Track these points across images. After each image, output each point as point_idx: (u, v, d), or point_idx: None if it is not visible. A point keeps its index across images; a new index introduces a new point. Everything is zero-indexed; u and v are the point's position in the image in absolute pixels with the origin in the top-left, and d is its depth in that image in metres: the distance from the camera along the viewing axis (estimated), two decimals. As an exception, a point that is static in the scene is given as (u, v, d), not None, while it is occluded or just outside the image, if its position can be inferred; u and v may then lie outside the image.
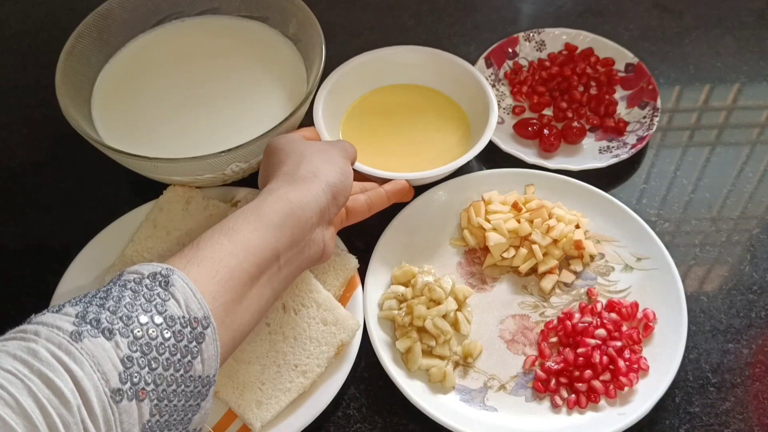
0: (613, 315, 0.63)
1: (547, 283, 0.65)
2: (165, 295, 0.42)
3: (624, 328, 0.62)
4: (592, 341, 0.61)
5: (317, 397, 0.58)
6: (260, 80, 0.73)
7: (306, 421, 0.57)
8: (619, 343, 0.61)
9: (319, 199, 0.53)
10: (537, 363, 0.62)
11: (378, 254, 0.66)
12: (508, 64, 0.82)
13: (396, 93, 0.77)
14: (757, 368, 0.62)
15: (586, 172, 0.72)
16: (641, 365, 0.60)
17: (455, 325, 0.62)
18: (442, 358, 0.61)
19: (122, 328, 0.39)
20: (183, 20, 0.77)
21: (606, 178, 0.73)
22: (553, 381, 0.60)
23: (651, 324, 0.62)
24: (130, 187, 0.73)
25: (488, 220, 0.67)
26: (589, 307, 0.64)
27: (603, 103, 0.78)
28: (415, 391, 0.59)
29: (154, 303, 0.41)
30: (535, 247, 0.65)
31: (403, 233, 0.67)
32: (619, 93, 0.80)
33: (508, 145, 0.73)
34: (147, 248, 0.64)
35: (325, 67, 0.68)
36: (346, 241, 0.65)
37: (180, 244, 0.64)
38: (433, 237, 0.69)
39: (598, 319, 0.63)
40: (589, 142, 0.76)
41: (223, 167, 0.63)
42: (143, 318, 0.40)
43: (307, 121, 0.69)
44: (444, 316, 0.62)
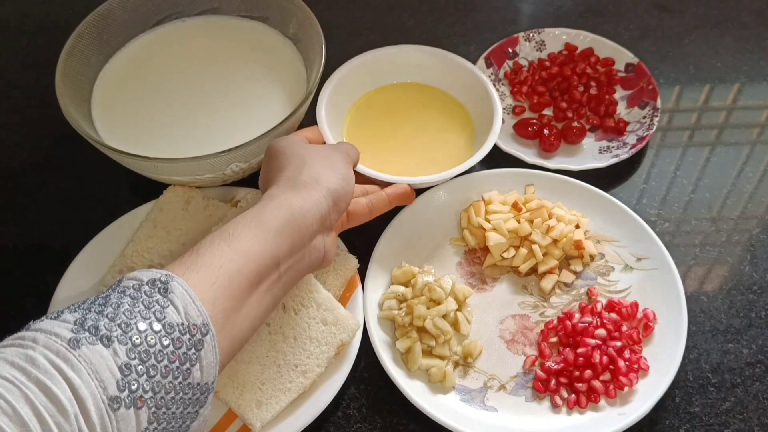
0: (613, 315, 0.63)
1: (547, 283, 0.65)
2: (164, 301, 0.42)
3: (624, 328, 0.62)
4: (592, 341, 0.61)
5: (317, 397, 0.58)
6: (260, 80, 0.73)
7: (306, 421, 0.57)
8: (619, 343, 0.61)
9: (320, 205, 0.53)
10: (537, 363, 0.62)
11: (378, 254, 0.66)
12: (508, 64, 0.82)
13: (401, 91, 0.77)
14: (757, 368, 0.62)
15: (586, 172, 0.72)
16: (641, 365, 0.60)
17: (455, 325, 0.62)
18: (442, 358, 0.61)
19: (121, 335, 0.39)
20: (183, 20, 0.77)
21: (606, 178, 0.73)
22: (553, 381, 0.60)
23: (651, 324, 0.62)
24: (130, 187, 0.73)
25: (488, 220, 0.67)
26: (589, 307, 0.64)
27: (603, 103, 0.78)
28: (415, 391, 0.59)
29: (152, 310, 0.41)
30: (535, 247, 0.65)
31: (403, 233, 0.67)
32: (619, 93, 0.80)
33: (508, 145, 0.73)
34: (147, 248, 0.64)
35: (325, 67, 0.68)
36: (346, 241, 0.65)
37: (180, 244, 0.65)
38: (433, 237, 0.69)
39: (598, 319, 0.63)
40: (589, 142, 0.76)
41: (223, 167, 0.63)
42: (142, 325, 0.40)
43: (308, 121, 0.69)
44: (444, 316, 0.62)
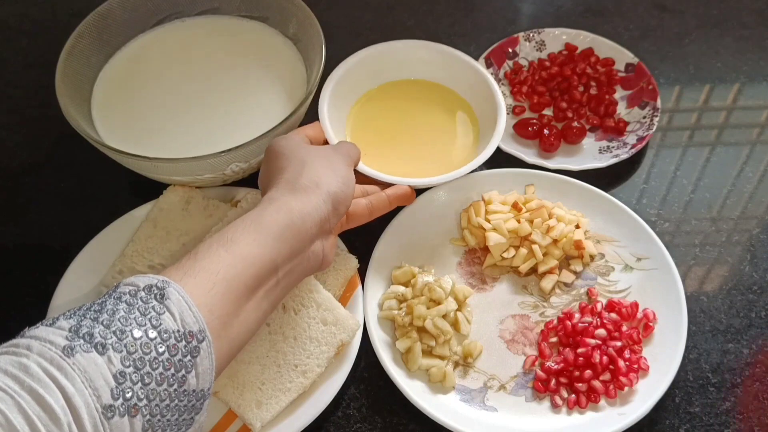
0: (613, 315, 0.63)
1: (547, 283, 0.65)
2: (160, 308, 0.42)
3: (624, 328, 0.62)
4: (592, 341, 0.61)
5: (317, 397, 0.58)
6: (260, 80, 0.73)
7: (306, 421, 0.57)
8: (619, 343, 0.61)
9: (320, 209, 0.53)
10: (537, 363, 0.62)
11: (378, 254, 0.66)
12: (508, 64, 0.82)
13: (405, 89, 0.76)
14: (757, 368, 0.62)
15: (586, 172, 0.72)
16: (641, 365, 0.60)
17: (455, 325, 0.62)
18: (442, 358, 0.61)
19: (115, 342, 0.39)
20: (183, 20, 0.77)
21: (606, 178, 0.73)
22: (553, 381, 0.60)
23: (651, 324, 0.62)
24: (130, 187, 0.73)
25: (488, 220, 0.67)
26: (589, 307, 0.64)
27: (603, 103, 0.78)
28: (415, 391, 0.59)
29: (148, 316, 0.41)
30: (535, 247, 0.65)
31: (403, 233, 0.67)
32: (619, 93, 0.80)
33: (508, 145, 0.73)
34: (147, 248, 0.64)
35: (325, 67, 0.68)
36: (346, 241, 0.65)
37: (180, 244, 0.65)
38: (433, 237, 0.69)
39: (598, 319, 0.63)
40: (589, 142, 0.76)
41: (223, 167, 0.63)
42: (137, 332, 0.40)
43: (308, 121, 0.68)
44: (444, 316, 0.62)
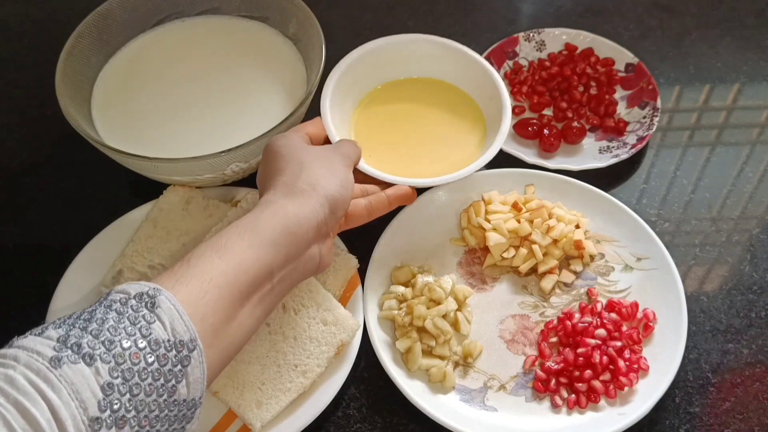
0: (613, 315, 0.63)
1: (547, 283, 0.65)
2: (150, 317, 0.41)
3: (624, 328, 0.62)
4: (592, 341, 0.61)
5: (317, 397, 0.58)
6: (260, 80, 0.73)
7: (306, 421, 0.57)
8: (619, 343, 0.61)
9: (317, 213, 0.52)
10: (537, 363, 0.62)
11: (378, 254, 0.66)
12: (508, 64, 0.82)
13: (411, 86, 0.75)
14: (757, 368, 0.62)
15: (586, 172, 0.72)
16: (641, 365, 0.60)
17: (455, 325, 0.62)
18: (442, 358, 0.61)
19: (104, 353, 0.38)
20: (183, 20, 0.77)
21: (606, 178, 0.73)
22: (553, 381, 0.60)
23: (651, 324, 0.62)
24: (130, 187, 0.73)
25: (488, 220, 0.67)
26: (589, 307, 0.64)
27: (603, 103, 0.78)
28: (415, 391, 0.59)
29: (138, 326, 0.40)
30: (535, 247, 0.65)
31: (403, 233, 0.67)
32: (619, 93, 0.80)
33: (508, 145, 0.73)
34: (147, 248, 0.64)
35: (325, 67, 0.68)
36: (346, 241, 0.65)
37: (180, 244, 0.65)
38: (433, 237, 0.69)
39: (598, 319, 0.63)
40: (589, 142, 0.76)
41: (223, 167, 0.63)
42: (126, 342, 0.39)
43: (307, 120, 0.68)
44: (444, 316, 0.62)
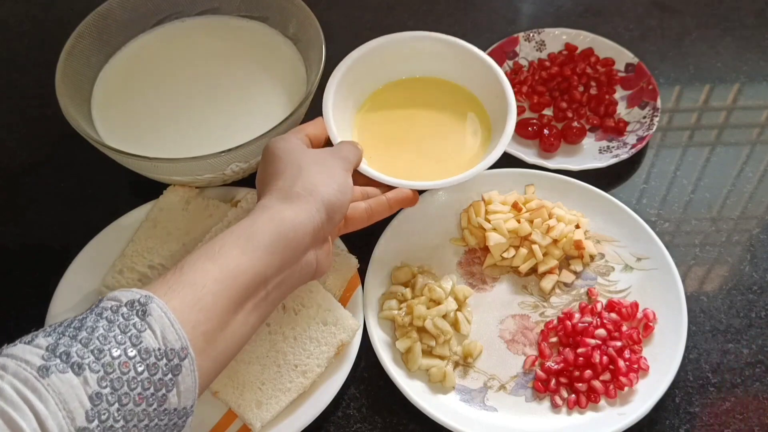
0: (613, 315, 0.63)
1: (547, 283, 0.65)
2: (141, 325, 0.41)
3: (624, 328, 0.62)
4: (592, 341, 0.61)
5: (317, 397, 0.58)
6: (260, 80, 0.73)
7: (306, 421, 0.57)
8: (619, 343, 0.61)
9: (313, 219, 0.52)
10: (537, 363, 0.62)
11: (378, 254, 0.66)
12: (508, 64, 0.82)
13: (415, 86, 0.73)
14: (757, 368, 0.62)
15: (586, 172, 0.72)
16: (641, 365, 0.60)
17: (455, 325, 0.62)
18: (442, 358, 0.61)
19: (93, 362, 0.38)
20: (183, 20, 0.77)
21: (606, 178, 0.73)
22: (553, 381, 0.60)
23: (651, 324, 0.62)
24: (130, 187, 0.73)
25: (488, 220, 0.67)
26: (589, 307, 0.64)
27: (603, 103, 0.78)
28: (415, 391, 0.59)
29: (128, 334, 0.40)
30: (535, 247, 0.65)
31: (403, 233, 0.67)
32: (619, 93, 0.80)
33: (508, 145, 0.73)
34: (147, 248, 0.64)
35: (325, 67, 0.68)
36: (346, 241, 0.65)
37: (180, 244, 0.64)
38: (433, 237, 0.69)
39: (598, 319, 0.63)
40: (589, 142, 0.76)
41: (223, 167, 0.63)
42: (116, 351, 0.39)
43: (308, 121, 0.68)
44: (444, 316, 0.62)
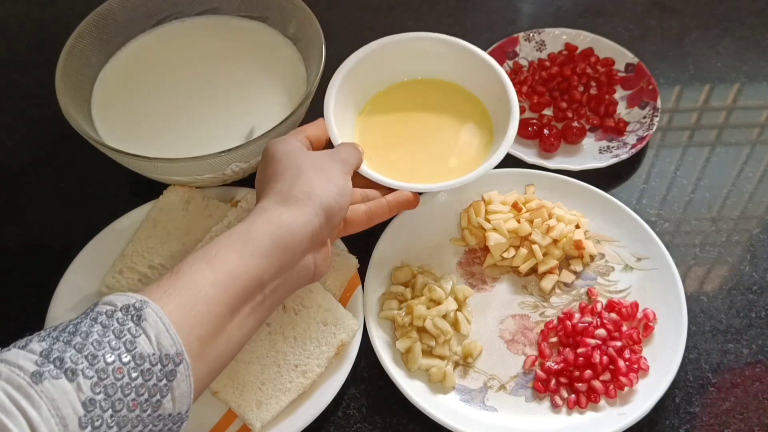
0: (613, 315, 0.63)
1: (547, 283, 0.65)
2: (136, 330, 0.40)
3: (624, 328, 0.62)
4: (592, 341, 0.61)
5: (317, 397, 0.58)
6: (260, 80, 0.73)
7: (306, 421, 0.57)
8: (619, 343, 0.61)
9: (312, 222, 0.51)
10: (537, 363, 0.62)
11: (378, 254, 0.66)
12: (508, 64, 0.82)
13: (417, 88, 0.73)
14: (757, 368, 0.62)
15: (586, 172, 0.72)
16: (641, 365, 0.60)
17: (455, 325, 0.62)
18: (442, 358, 0.61)
19: (86, 368, 0.38)
20: (183, 20, 0.77)
21: (606, 178, 0.73)
22: (553, 381, 0.60)
23: (651, 324, 0.62)
24: (130, 187, 0.73)
25: (488, 220, 0.67)
26: (589, 307, 0.64)
27: (603, 103, 0.78)
28: (415, 391, 0.59)
29: (123, 340, 0.40)
30: (535, 247, 0.65)
31: (403, 233, 0.67)
32: (619, 93, 0.80)
33: (508, 145, 0.73)
34: (147, 248, 0.64)
35: (325, 67, 0.68)
36: (346, 241, 0.65)
37: (180, 244, 0.64)
38: (433, 237, 0.69)
39: (598, 319, 0.63)
40: (589, 142, 0.76)
41: (223, 167, 0.63)
42: (110, 357, 0.39)
43: (308, 121, 0.68)
44: (444, 316, 0.62)
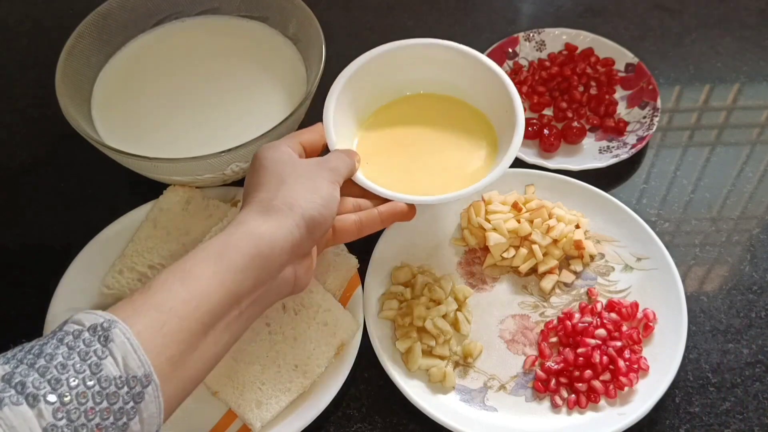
0: (613, 315, 0.63)
1: (547, 283, 0.65)
2: (102, 352, 0.39)
3: (624, 328, 0.62)
4: (592, 341, 0.61)
5: (317, 397, 0.58)
6: (260, 80, 0.73)
7: (306, 421, 0.57)
8: (619, 343, 0.61)
9: (292, 234, 0.49)
10: (537, 363, 0.62)
11: (378, 254, 0.66)
12: (508, 64, 0.82)
13: (420, 102, 0.69)
14: (757, 368, 0.62)
15: (586, 172, 0.72)
16: (641, 365, 0.60)
17: (455, 325, 0.62)
18: (442, 358, 0.61)
19: (49, 393, 0.37)
20: (183, 20, 0.77)
21: (606, 178, 0.73)
22: (553, 381, 0.60)
23: (651, 324, 0.62)
24: (130, 187, 0.73)
25: (488, 220, 0.67)
26: (589, 307, 0.64)
27: (603, 103, 0.78)
28: (415, 391, 0.59)
29: (89, 362, 0.39)
30: (535, 247, 0.65)
31: (403, 233, 0.67)
32: (619, 93, 0.80)
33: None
34: (147, 248, 0.64)
35: (325, 67, 0.68)
36: (346, 241, 0.65)
37: (180, 244, 0.64)
38: (433, 237, 0.69)
39: (598, 319, 0.63)
40: (589, 142, 0.76)
41: (223, 167, 0.63)
42: (73, 381, 0.38)
43: (308, 121, 0.68)
44: (444, 316, 0.62)
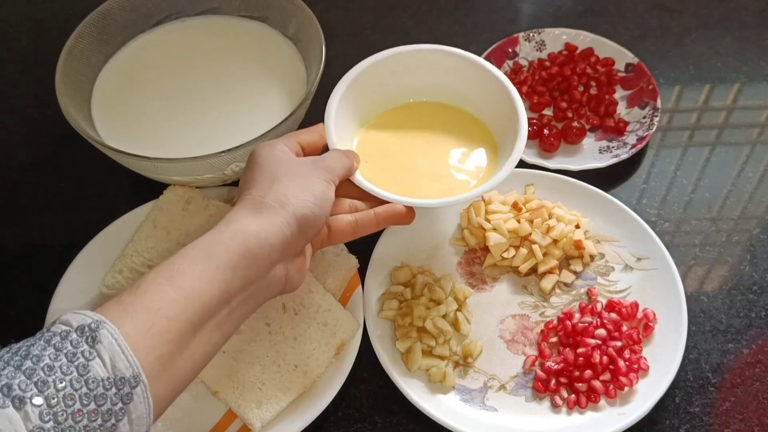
0: (613, 315, 0.63)
1: (547, 283, 0.65)
2: (90, 353, 0.39)
3: (624, 328, 0.62)
4: (592, 341, 0.61)
5: (317, 397, 0.58)
6: (260, 80, 0.73)
7: (306, 421, 0.57)
8: (619, 343, 0.61)
9: (283, 232, 0.49)
10: (537, 363, 0.62)
11: (378, 254, 0.66)
12: (508, 64, 0.82)
13: (425, 110, 0.69)
14: (757, 368, 0.62)
15: (586, 172, 0.72)
16: (641, 365, 0.60)
17: (455, 325, 0.62)
18: (442, 358, 0.61)
19: (35, 395, 0.36)
20: (183, 20, 0.77)
21: (606, 178, 0.73)
22: (553, 381, 0.60)
23: (651, 324, 0.62)
24: (130, 187, 0.73)
25: (488, 220, 0.67)
26: (589, 307, 0.64)
27: (603, 103, 0.78)
28: (415, 391, 0.59)
29: (76, 363, 0.38)
30: (535, 247, 0.65)
31: (403, 233, 0.67)
32: (619, 93, 0.80)
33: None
34: (147, 248, 0.64)
35: (325, 67, 0.68)
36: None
37: (180, 244, 0.64)
38: (433, 237, 0.69)
39: (598, 319, 0.63)
40: (589, 142, 0.76)
41: (223, 167, 0.63)
42: (60, 383, 0.37)
43: (307, 121, 0.68)
44: (444, 316, 0.62)
